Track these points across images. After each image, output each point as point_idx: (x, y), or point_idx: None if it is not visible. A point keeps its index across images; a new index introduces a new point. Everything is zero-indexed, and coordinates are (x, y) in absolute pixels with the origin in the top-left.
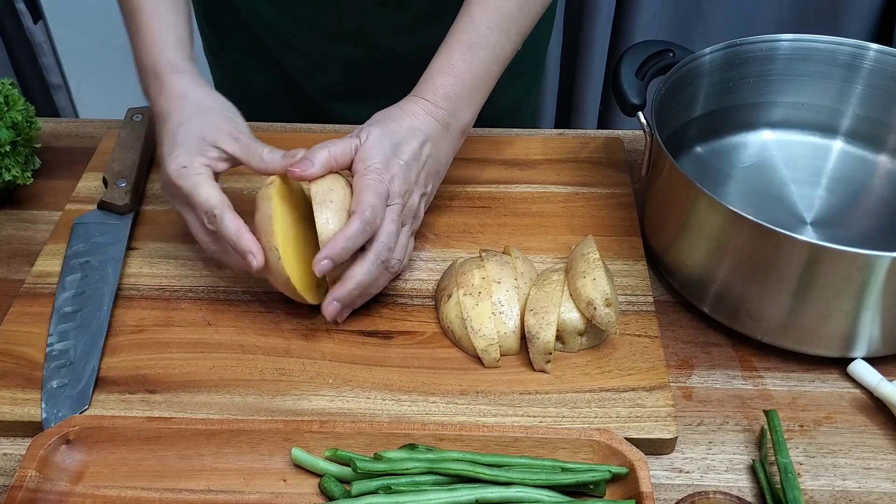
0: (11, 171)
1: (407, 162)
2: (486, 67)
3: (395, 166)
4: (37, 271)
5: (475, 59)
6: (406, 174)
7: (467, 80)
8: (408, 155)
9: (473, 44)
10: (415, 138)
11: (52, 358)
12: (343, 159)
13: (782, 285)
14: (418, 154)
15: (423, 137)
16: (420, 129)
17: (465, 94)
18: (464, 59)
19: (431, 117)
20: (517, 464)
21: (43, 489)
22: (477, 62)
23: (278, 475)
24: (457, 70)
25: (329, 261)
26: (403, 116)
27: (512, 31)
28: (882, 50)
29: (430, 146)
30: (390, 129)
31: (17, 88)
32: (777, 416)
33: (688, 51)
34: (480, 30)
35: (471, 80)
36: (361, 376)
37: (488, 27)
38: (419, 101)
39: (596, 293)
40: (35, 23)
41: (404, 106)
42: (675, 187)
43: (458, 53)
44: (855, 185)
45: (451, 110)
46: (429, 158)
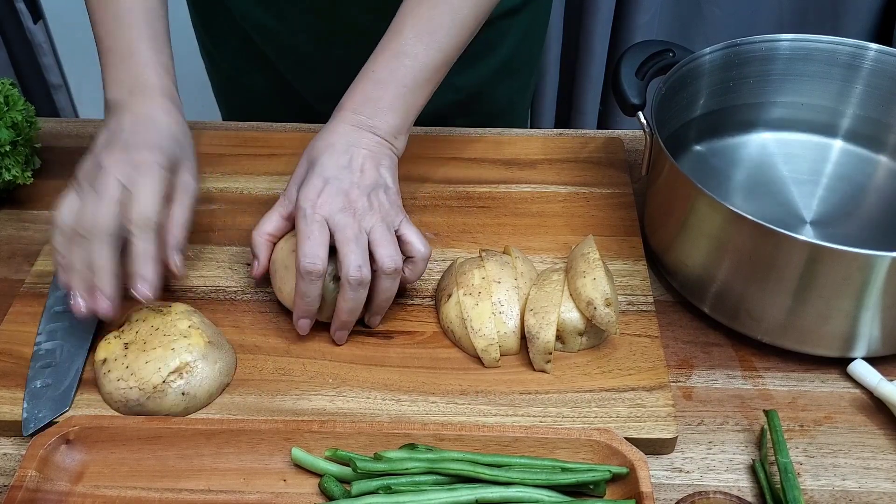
0: (11, 171)
1: (332, 177)
2: (412, 75)
3: (323, 192)
4: (37, 271)
5: (399, 65)
6: (338, 187)
7: (389, 85)
8: (330, 170)
9: (398, 52)
10: (332, 151)
11: (38, 357)
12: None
13: (782, 285)
14: (344, 163)
15: (342, 147)
16: (335, 143)
17: (388, 100)
18: (387, 66)
19: (348, 125)
20: (517, 464)
21: (43, 489)
22: (401, 69)
23: (278, 475)
24: (378, 76)
25: (304, 320)
26: (318, 140)
27: (443, 42)
28: (882, 50)
29: (355, 149)
30: (309, 161)
31: (17, 88)
32: (777, 416)
33: (688, 51)
34: (407, 38)
35: (393, 85)
36: (361, 376)
37: (415, 36)
38: (335, 117)
39: (596, 293)
40: (35, 23)
41: (322, 130)
42: (675, 187)
43: (382, 62)
44: (855, 185)
45: (372, 114)
46: (362, 160)
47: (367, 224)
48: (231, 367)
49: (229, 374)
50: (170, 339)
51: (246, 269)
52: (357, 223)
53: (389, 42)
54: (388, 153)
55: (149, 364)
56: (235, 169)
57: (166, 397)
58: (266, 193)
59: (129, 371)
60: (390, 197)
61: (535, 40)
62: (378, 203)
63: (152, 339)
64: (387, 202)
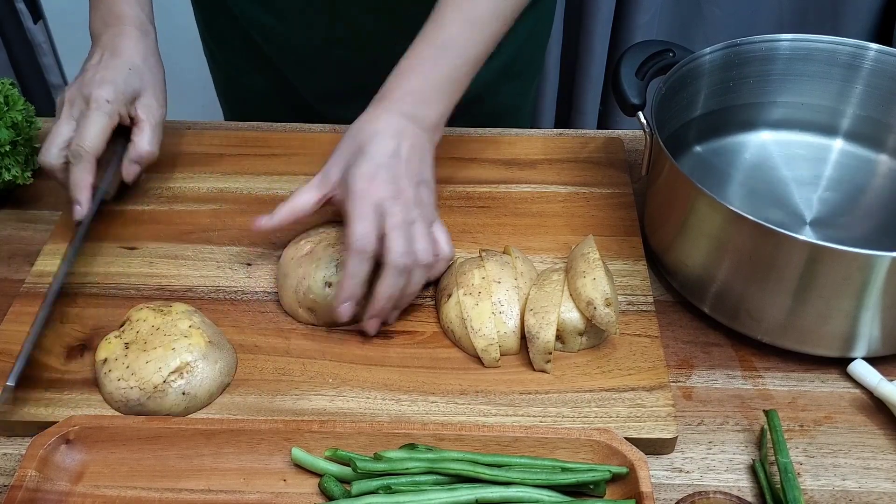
0: (11, 171)
1: (383, 164)
2: (455, 67)
3: (375, 178)
4: (37, 271)
5: (442, 57)
6: (390, 175)
7: (432, 78)
8: (381, 157)
9: (441, 44)
10: (381, 138)
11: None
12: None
13: (782, 285)
14: (392, 151)
15: (390, 134)
16: (383, 130)
17: (431, 92)
18: (430, 57)
19: (393, 115)
20: (517, 464)
21: (43, 489)
22: (444, 60)
23: (278, 475)
24: (421, 68)
25: (347, 303)
26: (364, 125)
27: (484, 33)
28: (882, 50)
29: (402, 138)
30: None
31: (17, 88)
32: (777, 416)
33: (688, 51)
34: (450, 30)
35: (436, 78)
36: (361, 376)
37: (458, 28)
38: (379, 105)
39: (596, 293)
40: (35, 23)
41: (365, 116)
42: (675, 187)
43: (426, 53)
44: (855, 185)
45: (416, 105)
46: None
47: (412, 216)
48: (231, 367)
49: (230, 374)
50: (170, 339)
51: (246, 269)
52: (405, 212)
53: (431, 33)
54: (429, 146)
55: (149, 364)
56: (235, 169)
57: (167, 397)
58: (266, 193)
59: (130, 371)
60: (430, 194)
61: (539, 43)
62: (421, 198)
63: (153, 339)
64: (427, 199)
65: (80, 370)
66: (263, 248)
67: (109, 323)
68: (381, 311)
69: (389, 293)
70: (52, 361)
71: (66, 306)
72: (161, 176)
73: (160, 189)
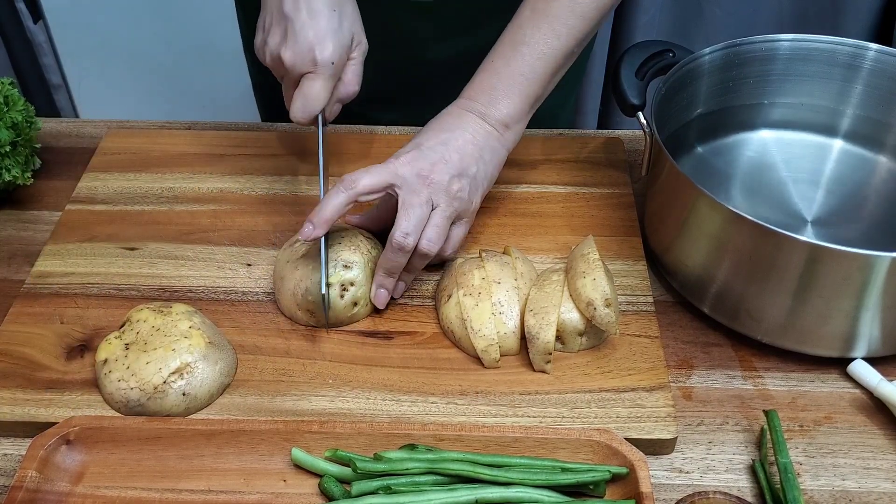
0: (11, 171)
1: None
2: (529, 63)
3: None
4: (37, 271)
5: (515, 54)
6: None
7: (504, 73)
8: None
9: (516, 42)
10: (436, 129)
11: None
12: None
13: (782, 285)
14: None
15: (447, 127)
16: (442, 123)
17: (502, 87)
18: (503, 55)
19: (460, 109)
20: (517, 464)
21: (43, 489)
22: (518, 57)
23: (278, 475)
24: (494, 65)
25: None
26: (428, 125)
27: (560, 31)
28: (882, 50)
29: (460, 131)
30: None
31: (16, 88)
32: (777, 416)
33: (688, 51)
34: (525, 29)
35: (508, 73)
36: (361, 376)
37: (534, 26)
38: (456, 103)
39: (596, 293)
40: (35, 23)
41: (443, 112)
42: (675, 187)
43: (500, 52)
44: (855, 185)
45: (487, 102)
46: (462, 142)
47: (436, 200)
48: (231, 368)
49: (230, 375)
50: (170, 340)
51: (246, 269)
52: (426, 194)
53: (508, 33)
54: (495, 145)
55: (149, 364)
56: (235, 169)
57: (167, 398)
58: (266, 193)
59: (130, 371)
60: (472, 190)
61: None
62: (456, 188)
63: (153, 340)
64: (465, 193)
65: (80, 370)
66: (263, 248)
67: (109, 323)
68: (382, 284)
69: (386, 266)
70: (52, 362)
71: (66, 306)
72: (161, 176)
73: (160, 189)
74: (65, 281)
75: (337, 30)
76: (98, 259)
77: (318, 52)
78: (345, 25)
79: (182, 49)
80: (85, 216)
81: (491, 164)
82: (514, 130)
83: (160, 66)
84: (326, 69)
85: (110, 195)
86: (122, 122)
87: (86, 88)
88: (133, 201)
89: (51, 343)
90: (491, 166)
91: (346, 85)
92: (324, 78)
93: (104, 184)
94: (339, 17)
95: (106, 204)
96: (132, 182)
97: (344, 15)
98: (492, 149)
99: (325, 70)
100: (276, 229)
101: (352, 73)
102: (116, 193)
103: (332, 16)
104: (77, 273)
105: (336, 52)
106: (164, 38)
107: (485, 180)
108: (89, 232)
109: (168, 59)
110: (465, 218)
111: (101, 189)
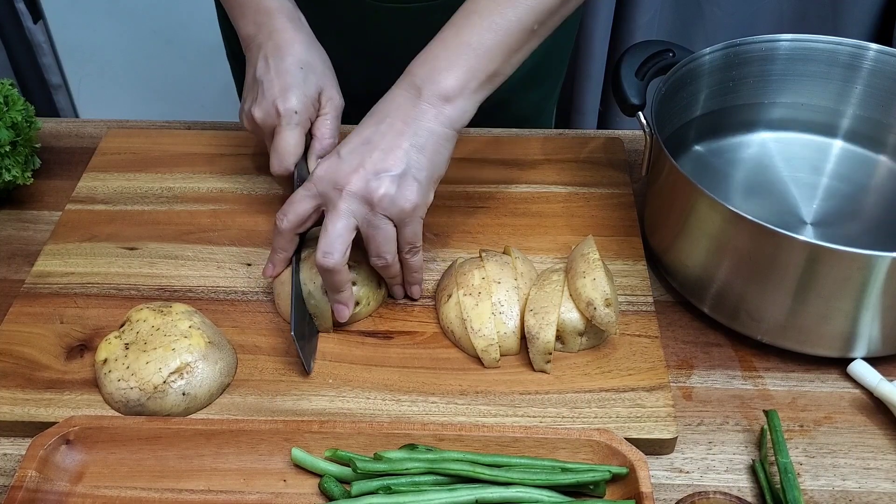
0: (11, 171)
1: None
2: (478, 33)
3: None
4: (37, 271)
5: (466, 23)
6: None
7: (450, 43)
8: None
9: (469, 11)
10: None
11: None
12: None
13: (782, 285)
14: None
15: (381, 113)
16: (376, 109)
17: (445, 56)
18: (454, 24)
19: (399, 88)
20: (517, 464)
21: (43, 489)
22: (468, 26)
23: (278, 475)
24: (443, 35)
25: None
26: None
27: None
28: (882, 50)
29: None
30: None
31: (16, 88)
32: (777, 416)
33: (688, 51)
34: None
35: (455, 43)
36: (361, 376)
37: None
38: (398, 81)
39: (596, 293)
40: (35, 23)
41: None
42: (675, 187)
43: (452, 20)
44: (855, 185)
45: (426, 75)
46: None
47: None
48: (231, 368)
49: (230, 375)
50: (170, 340)
51: (246, 269)
52: (345, 206)
53: (465, 4)
54: (432, 126)
55: (149, 364)
56: (235, 169)
57: (167, 397)
58: (266, 193)
59: (130, 371)
60: (401, 188)
61: (563, 46)
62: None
63: (153, 340)
64: (391, 192)
65: (80, 370)
66: (263, 248)
67: (109, 323)
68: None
69: (325, 285)
70: (52, 361)
71: (66, 306)
72: (161, 176)
73: (160, 189)
74: (64, 281)
75: (301, 83)
76: (98, 259)
77: (280, 102)
78: (311, 80)
79: (182, 49)
80: (85, 216)
81: (429, 149)
82: (457, 106)
83: (160, 66)
84: (290, 118)
85: (110, 195)
86: (122, 122)
87: (86, 88)
88: (133, 201)
89: (51, 343)
90: (429, 152)
91: (320, 140)
92: (289, 127)
93: (104, 184)
94: (306, 73)
95: (106, 204)
96: (132, 182)
97: (311, 71)
98: (428, 131)
99: (290, 119)
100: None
101: (326, 129)
102: (116, 193)
103: (297, 73)
104: (77, 273)
105: (299, 102)
106: (165, 38)
107: (423, 170)
108: (89, 232)
109: (168, 59)
110: (407, 217)
111: (100, 189)
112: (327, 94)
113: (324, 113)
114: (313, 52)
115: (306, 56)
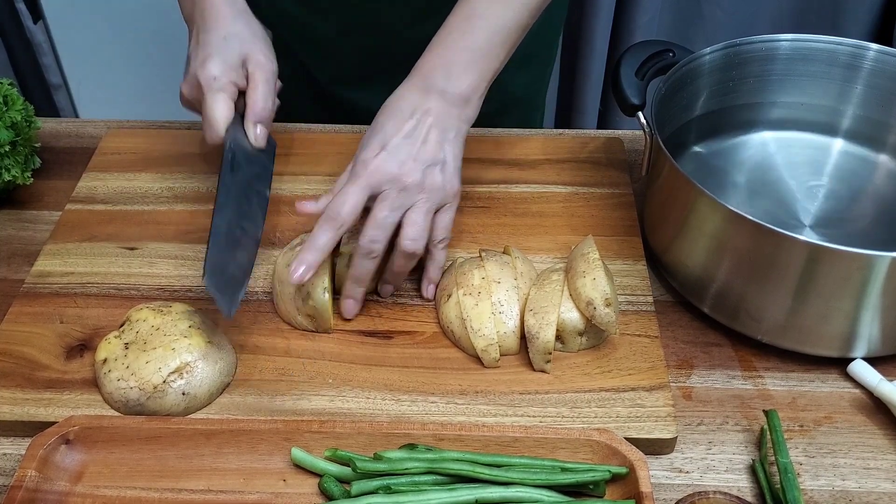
0: (11, 171)
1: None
2: (485, 37)
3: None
4: (37, 271)
5: (471, 28)
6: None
7: (461, 47)
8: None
9: (470, 15)
10: (398, 116)
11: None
12: None
13: (782, 285)
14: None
15: (409, 112)
16: (402, 107)
17: (460, 61)
18: (459, 28)
19: (417, 88)
20: (517, 464)
21: (43, 489)
22: (473, 31)
23: (278, 475)
24: (450, 39)
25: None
26: (386, 104)
27: (515, 3)
28: (882, 50)
29: (423, 115)
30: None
31: (16, 88)
32: (777, 416)
33: (688, 51)
34: (479, 1)
35: (465, 47)
36: (361, 376)
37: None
38: (408, 81)
39: (596, 293)
40: (35, 23)
41: (393, 94)
42: (675, 187)
43: (454, 25)
44: (855, 185)
45: (445, 77)
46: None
47: (410, 201)
48: (231, 368)
49: (229, 374)
50: (170, 340)
51: None
52: (399, 198)
53: (461, 6)
54: (456, 123)
55: (149, 364)
56: None
57: (166, 397)
58: None
59: (130, 371)
60: (446, 176)
61: (553, 26)
62: (430, 181)
63: (153, 339)
64: (440, 181)
65: (80, 370)
66: (263, 248)
67: (109, 323)
68: (349, 293)
69: (356, 274)
70: (52, 361)
71: (65, 306)
72: (161, 176)
73: (160, 189)
74: (64, 280)
75: (221, 51)
76: (98, 259)
77: (200, 71)
78: (233, 47)
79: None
80: (85, 216)
81: (456, 142)
82: (473, 106)
83: (160, 66)
84: (210, 84)
85: (110, 195)
86: (122, 122)
87: (86, 88)
88: (133, 201)
89: (50, 343)
90: (457, 145)
91: (252, 106)
92: (211, 93)
93: (104, 183)
94: (228, 41)
95: (106, 204)
96: (132, 182)
97: (235, 39)
98: (455, 128)
99: (210, 85)
100: (276, 229)
101: (257, 94)
102: (116, 193)
103: (219, 43)
104: (77, 273)
105: (217, 68)
106: (164, 38)
107: (455, 160)
108: (89, 232)
109: (168, 59)
110: (448, 203)
111: (100, 189)
112: (255, 59)
113: (253, 78)
114: (240, 22)
115: (232, 27)
